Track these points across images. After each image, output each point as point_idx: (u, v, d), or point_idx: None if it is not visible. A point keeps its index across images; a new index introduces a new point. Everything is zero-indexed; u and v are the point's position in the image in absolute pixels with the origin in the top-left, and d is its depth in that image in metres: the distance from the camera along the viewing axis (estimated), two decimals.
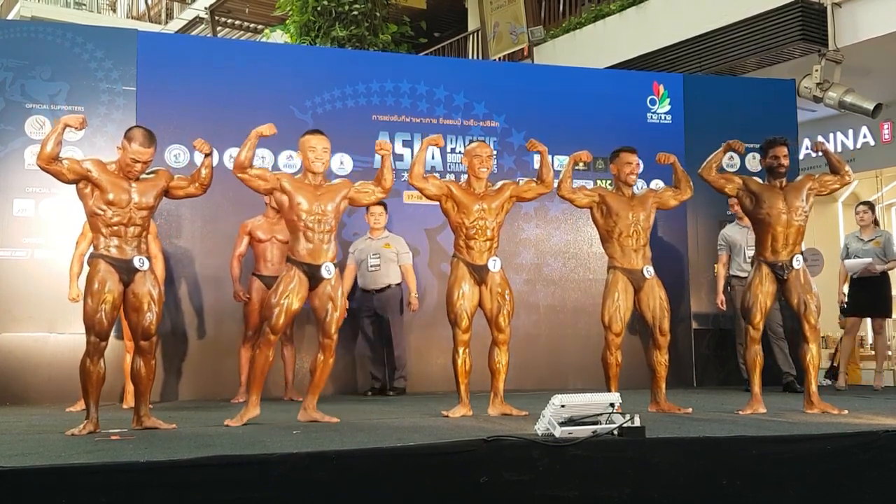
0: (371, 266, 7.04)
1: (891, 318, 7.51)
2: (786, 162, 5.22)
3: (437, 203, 5.29)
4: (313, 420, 4.75)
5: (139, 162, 4.42)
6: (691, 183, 5.44)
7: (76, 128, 4.47)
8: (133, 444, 3.74)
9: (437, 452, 3.31)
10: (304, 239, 4.78)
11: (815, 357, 5.17)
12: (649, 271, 5.30)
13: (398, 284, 7.12)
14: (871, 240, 7.42)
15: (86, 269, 4.70)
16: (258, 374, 4.74)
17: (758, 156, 5.51)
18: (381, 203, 6.77)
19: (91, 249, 4.53)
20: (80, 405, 5.28)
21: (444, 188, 5.20)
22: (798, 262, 5.18)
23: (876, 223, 7.59)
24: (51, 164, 4.35)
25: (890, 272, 7.48)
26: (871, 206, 7.69)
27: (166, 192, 4.63)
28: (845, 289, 7.55)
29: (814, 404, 5.08)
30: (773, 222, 5.16)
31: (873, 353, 8.20)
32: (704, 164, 5.29)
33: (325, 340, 4.81)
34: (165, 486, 2.91)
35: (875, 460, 3.63)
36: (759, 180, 5.36)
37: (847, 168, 5.33)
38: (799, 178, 5.36)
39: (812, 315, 5.13)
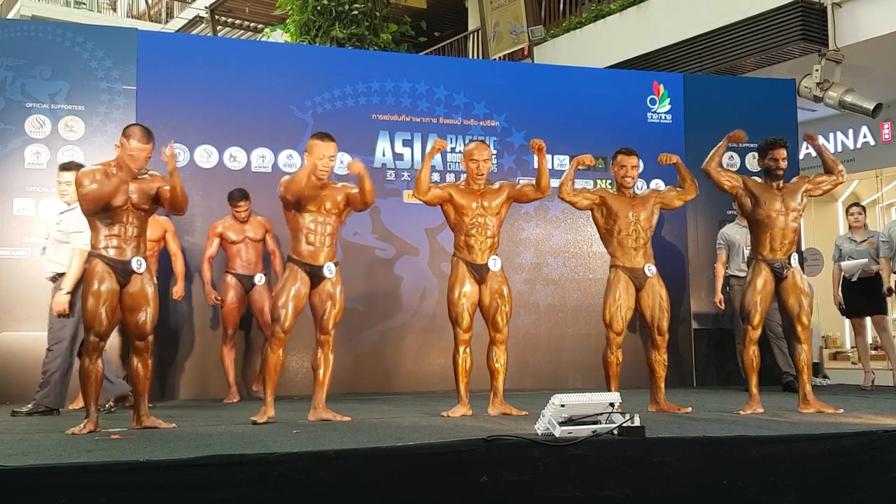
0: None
1: (886, 314, 7.52)
2: (784, 164, 5.21)
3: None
4: (324, 419, 4.76)
5: (138, 158, 4.41)
6: (696, 182, 5.43)
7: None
8: (133, 444, 3.74)
9: (437, 452, 3.31)
10: (304, 241, 4.80)
11: (809, 357, 5.20)
12: (651, 269, 5.30)
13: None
14: (864, 241, 7.46)
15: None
16: (272, 374, 4.78)
17: (758, 155, 5.48)
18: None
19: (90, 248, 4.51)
20: (80, 404, 5.29)
21: (444, 195, 5.20)
22: (795, 261, 5.19)
23: (865, 224, 7.65)
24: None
25: (880, 272, 7.51)
26: (863, 207, 7.75)
27: (156, 199, 4.53)
28: (839, 292, 7.57)
29: (809, 403, 5.08)
30: (770, 223, 5.16)
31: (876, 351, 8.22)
32: (708, 157, 5.27)
33: (322, 337, 4.85)
34: (165, 486, 2.91)
35: (875, 460, 3.63)
36: (758, 180, 5.35)
37: (841, 168, 5.31)
38: (794, 179, 5.34)
39: (805, 315, 5.15)
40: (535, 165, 5.37)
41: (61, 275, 5.41)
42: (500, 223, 5.29)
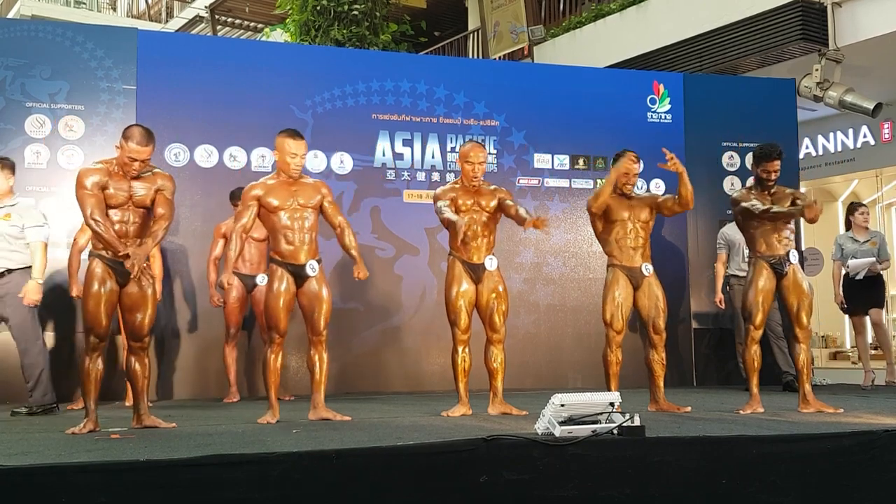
0: None
1: (884, 308, 7.55)
2: (775, 176, 5.18)
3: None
4: (324, 418, 4.75)
5: (137, 160, 4.38)
6: (693, 197, 5.30)
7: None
8: (133, 443, 3.74)
9: (436, 452, 3.31)
10: (283, 240, 4.79)
11: (808, 357, 5.20)
12: (648, 269, 5.30)
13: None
14: (867, 241, 7.47)
15: (84, 264, 4.67)
16: (275, 378, 4.79)
17: (752, 161, 5.46)
18: None
19: (90, 247, 4.51)
20: (80, 404, 5.29)
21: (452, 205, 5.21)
22: (794, 257, 5.18)
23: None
24: None
25: (881, 272, 7.54)
26: (867, 207, 7.80)
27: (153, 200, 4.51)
28: (840, 290, 7.59)
29: (809, 403, 5.08)
30: (762, 223, 5.17)
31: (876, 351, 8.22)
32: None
33: (314, 338, 4.85)
34: (165, 486, 2.91)
35: (875, 460, 3.62)
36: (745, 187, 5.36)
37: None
38: (787, 190, 5.32)
39: (805, 315, 5.14)
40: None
41: (11, 270, 5.51)
42: (497, 222, 5.29)
